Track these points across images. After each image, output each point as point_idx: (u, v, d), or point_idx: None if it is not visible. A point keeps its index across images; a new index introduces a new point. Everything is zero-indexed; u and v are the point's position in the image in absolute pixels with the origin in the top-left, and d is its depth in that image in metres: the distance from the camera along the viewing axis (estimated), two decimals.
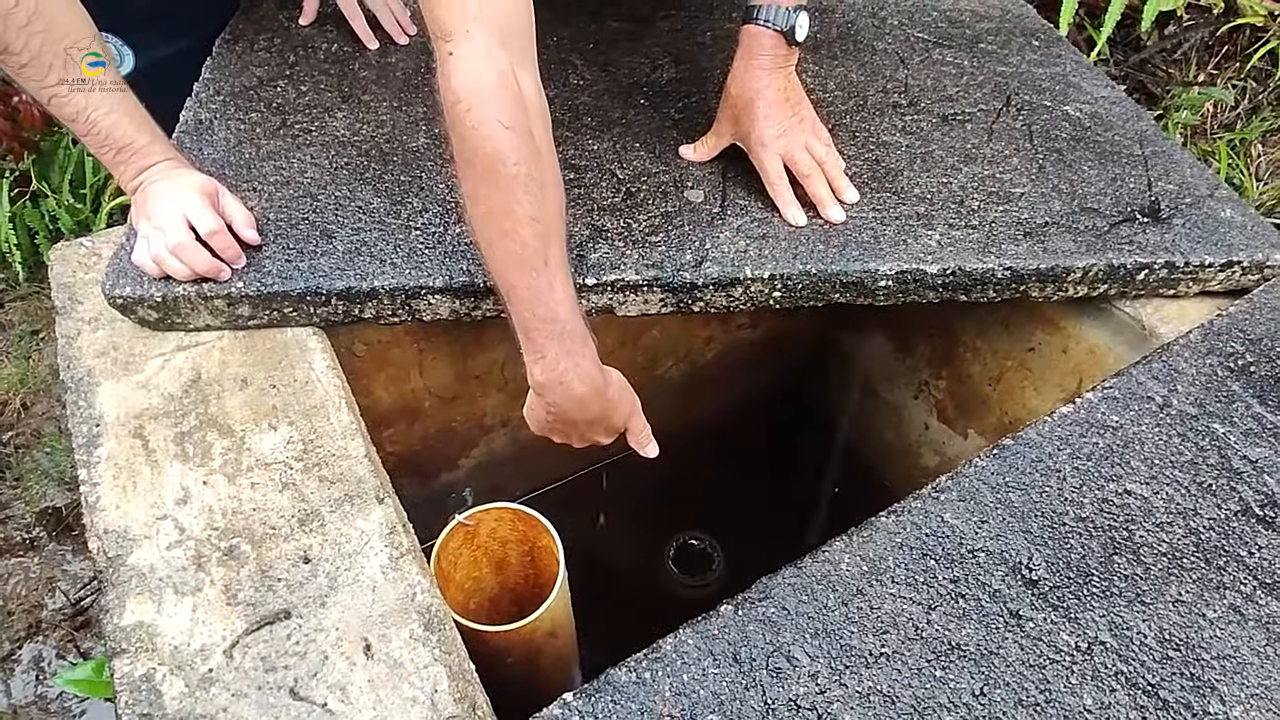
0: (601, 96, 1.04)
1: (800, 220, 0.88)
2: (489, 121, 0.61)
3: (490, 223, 0.65)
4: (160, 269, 0.76)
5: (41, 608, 1.39)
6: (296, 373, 0.78)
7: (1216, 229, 0.93)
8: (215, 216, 0.77)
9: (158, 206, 0.76)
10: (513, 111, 0.62)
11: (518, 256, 0.65)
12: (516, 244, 0.65)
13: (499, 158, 0.62)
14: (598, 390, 0.73)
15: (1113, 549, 0.67)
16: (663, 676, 0.58)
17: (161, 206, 0.76)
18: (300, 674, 0.60)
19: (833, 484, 1.53)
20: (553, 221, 0.66)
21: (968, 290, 0.89)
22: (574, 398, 0.72)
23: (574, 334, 0.69)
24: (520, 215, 0.64)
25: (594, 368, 0.72)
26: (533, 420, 0.80)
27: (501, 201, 0.64)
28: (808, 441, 1.60)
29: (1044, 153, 1.01)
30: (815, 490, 1.54)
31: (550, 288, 0.67)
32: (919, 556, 0.65)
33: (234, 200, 0.81)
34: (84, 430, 0.73)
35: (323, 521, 0.68)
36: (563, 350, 0.69)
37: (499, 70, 0.62)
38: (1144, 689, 0.59)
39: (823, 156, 0.89)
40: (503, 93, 0.62)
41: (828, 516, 1.48)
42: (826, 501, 1.50)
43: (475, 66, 0.61)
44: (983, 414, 1.24)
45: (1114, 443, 0.74)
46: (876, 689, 0.58)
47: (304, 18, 1.09)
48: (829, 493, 1.53)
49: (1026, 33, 1.23)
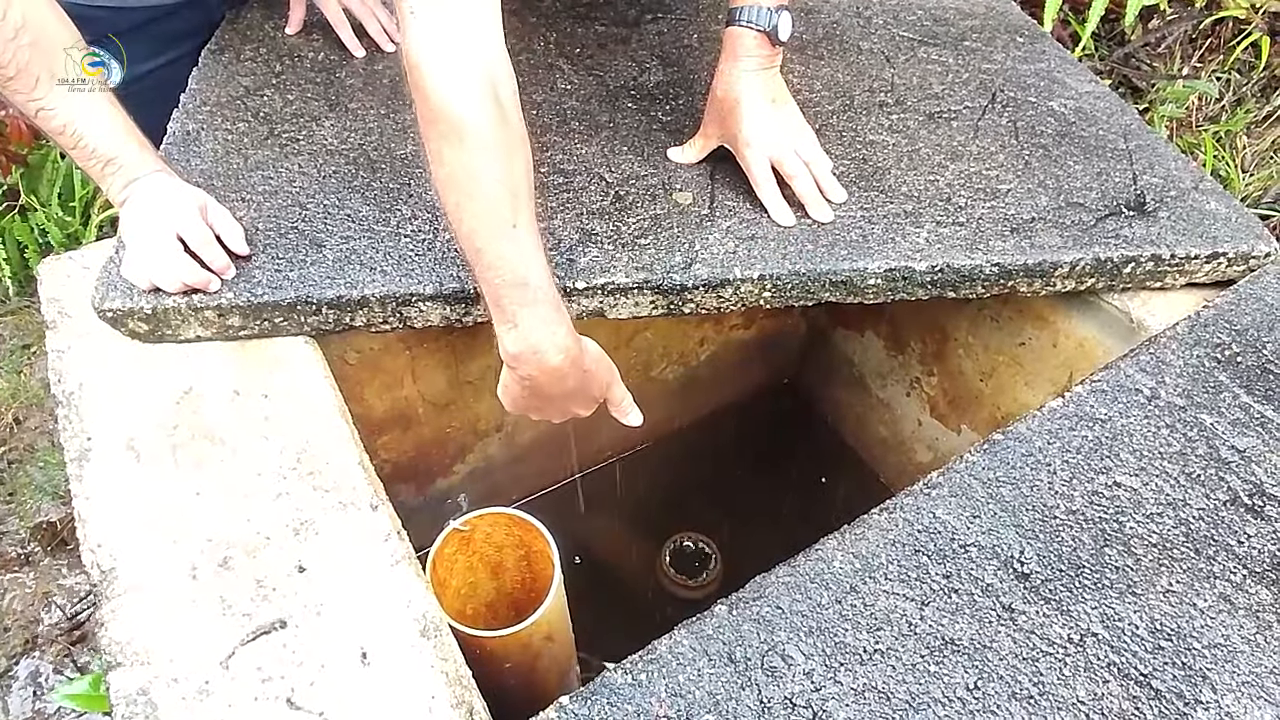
0: (589, 100, 1.04)
1: (788, 220, 0.88)
2: (452, 81, 0.60)
3: (455, 185, 0.64)
4: (150, 281, 0.76)
5: (38, 623, 1.39)
6: (288, 382, 0.78)
7: (1202, 221, 0.94)
8: (204, 228, 0.77)
9: (146, 218, 0.76)
10: (476, 70, 0.61)
11: (484, 219, 0.64)
12: (483, 206, 0.63)
13: (463, 117, 0.61)
14: (574, 360, 0.71)
15: (1103, 541, 0.67)
16: (658, 678, 0.58)
17: (150, 218, 0.76)
18: (297, 683, 0.60)
19: (820, 477, 1.54)
20: (520, 183, 0.65)
21: (956, 287, 0.89)
22: (549, 369, 0.70)
23: (546, 300, 0.67)
24: (486, 176, 0.62)
25: (569, 336, 0.70)
26: (507, 398, 0.77)
27: (467, 163, 0.62)
28: (803, 439, 1.61)
29: (1029, 149, 1.02)
30: (811, 488, 1.54)
31: (520, 251, 0.65)
32: (911, 553, 0.65)
33: (222, 211, 0.81)
34: (76, 444, 0.73)
35: (317, 530, 0.68)
36: (535, 318, 0.67)
37: (461, 29, 0.61)
38: (1136, 679, 0.60)
39: (809, 156, 0.90)
40: (465, 51, 0.61)
41: (824, 514, 1.48)
42: (823, 499, 1.51)
43: (438, 25, 0.60)
44: (975, 409, 1.24)
45: (1103, 435, 0.75)
46: (871, 685, 0.58)
47: (290, 26, 1.09)
48: (825, 489, 1.53)
49: (1011, 29, 1.24)
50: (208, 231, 0.77)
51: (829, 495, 1.52)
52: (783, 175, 0.89)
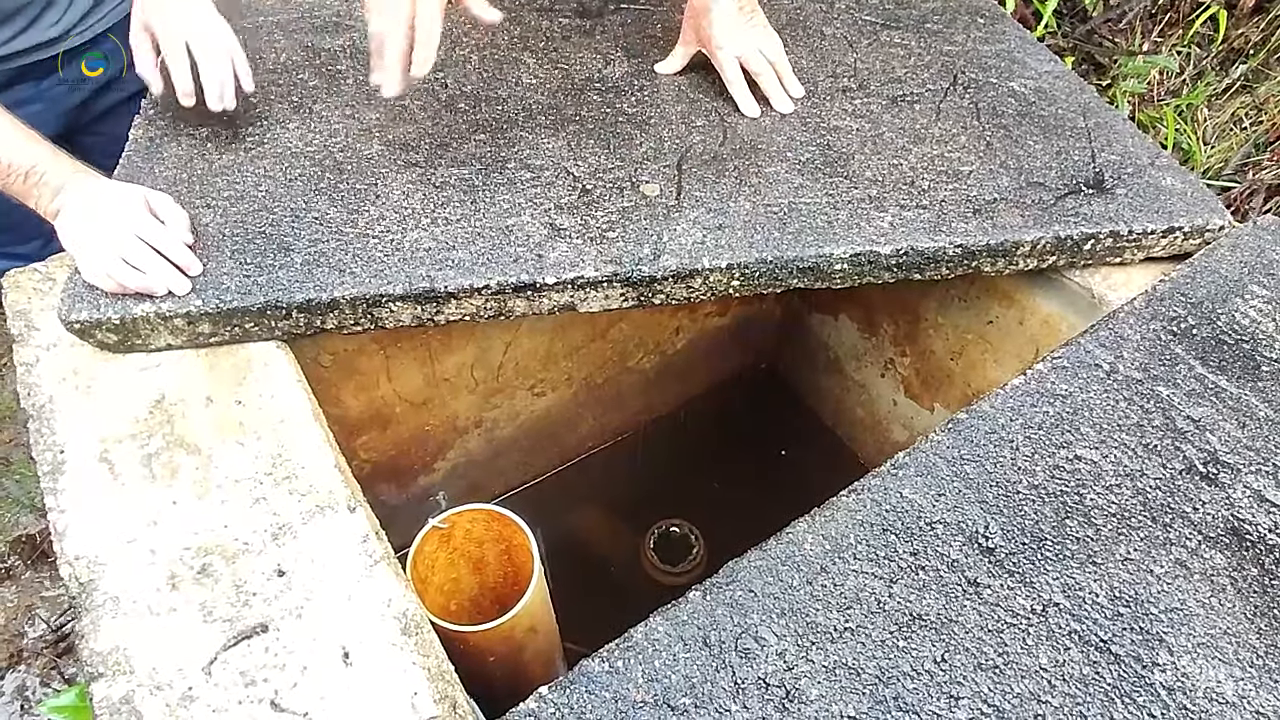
0: (555, 94, 1.04)
1: (754, 112, 1.01)
2: None
3: None
4: (117, 282, 0.76)
5: (22, 636, 1.38)
6: (261, 387, 0.78)
7: (1158, 196, 0.96)
8: (155, 221, 0.77)
9: (92, 220, 0.75)
10: None
11: None
12: None
13: None
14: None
15: (1065, 513, 0.69)
16: (635, 664, 0.59)
17: (96, 220, 0.75)
18: (280, 686, 0.60)
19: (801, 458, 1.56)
20: None
21: (921, 269, 0.91)
22: None
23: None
24: None
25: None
26: None
27: None
28: (780, 422, 1.63)
29: (991, 130, 1.03)
30: (792, 469, 1.56)
31: None
32: (879, 532, 0.67)
33: (165, 200, 0.80)
34: (49, 458, 0.72)
35: (295, 534, 0.69)
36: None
37: None
38: (1096, 645, 0.62)
39: (773, 57, 1.03)
40: None
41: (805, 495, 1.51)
42: (803, 480, 1.53)
43: None
44: (947, 387, 1.27)
45: (1064, 410, 0.77)
46: (842, 662, 0.60)
47: None
48: (805, 471, 1.55)
49: (971, 10, 1.25)
50: (159, 224, 0.77)
51: (808, 476, 1.54)
52: (749, 73, 1.02)
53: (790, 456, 1.57)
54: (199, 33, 0.84)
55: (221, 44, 0.86)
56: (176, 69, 0.83)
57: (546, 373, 1.28)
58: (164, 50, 0.83)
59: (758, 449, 1.59)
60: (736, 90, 1.02)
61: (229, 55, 0.86)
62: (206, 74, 0.84)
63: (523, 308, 0.84)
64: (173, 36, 0.83)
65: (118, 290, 0.76)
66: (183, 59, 0.83)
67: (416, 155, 0.94)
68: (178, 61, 0.83)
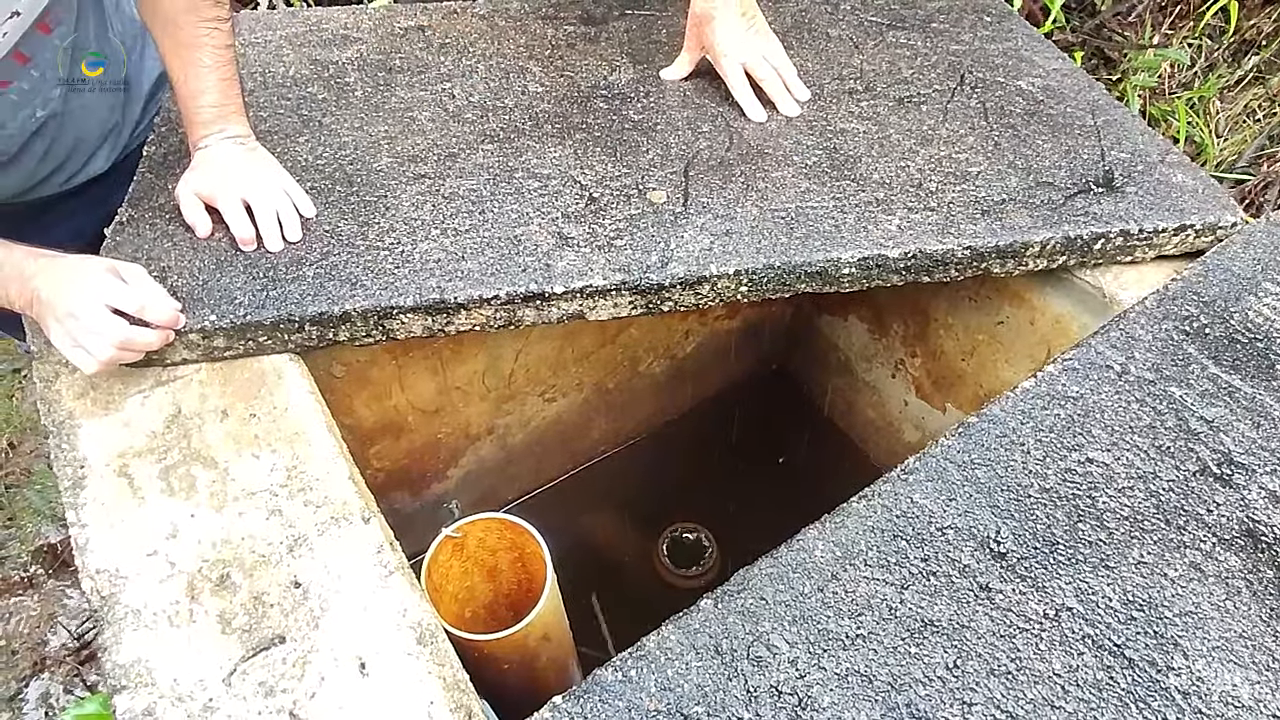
0: (561, 102, 1.05)
1: (760, 116, 1.02)
2: None
3: None
4: (116, 365, 0.75)
5: (45, 644, 1.41)
6: (275, 400, 0.79)
7: (1169, 194, 0.95)
8: (133, 292, 0.74)
9: (71, 309, 0.72)
10: None
11: None
12: None
13: None
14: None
15: (1077, 517, 0.69)
16: (648, 673, 0.60)
17: (76, 308, 0.72)
18: (299, 696, 0.61)
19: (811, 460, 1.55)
20: None
21: (930, 271, 0.91)
22: None
23: None
24: None
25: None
26: None
27: None
28: (794, 424, 1.63)
29: (999, 129, 1.03)
30: (804, 472, 1.56)
31: None
32: (890, 538, 0.67)
33: (131, 267, 0.77)
34: (69, 472, 0.74)
35: (311, 545, 0.70)
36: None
37: None
38: (1110, 650, 0.62)
39: (777, 62, 1.04)
40: None
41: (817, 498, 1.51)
42: (815, 482, 1.53)
43: None
44: (958, 388, 1.26)
45: (1075, 413, 0.76)
46: (854, 669, 0.60)
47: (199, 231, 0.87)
48: (818, 473, 1.55)
49: (978, 9, 1.24)
50: (137, 295, 0.74)
51: (821, 479, 1.54)
52: (754, 79, 1.03)
53: (802, 458, 1.57)
54: (257, 188, 0.85)
55: (276, 186, 0.86)
56: (236, 225, 0.84)
57: (557, 379, 1.28)
58: (223, 211, 0.84)
59: (771, 451, 1.59)
60: (741, 95, 1.03)
61: (286, 197, 0.87)
62: (265, 224, 0.85)
63: (532, 317, 0.85)
64: (230, 198, 0.84)
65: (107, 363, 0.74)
66: (241, 215, 0.84)
67: (425, 167, 0.95)
68: (236, 217, 0.84)
